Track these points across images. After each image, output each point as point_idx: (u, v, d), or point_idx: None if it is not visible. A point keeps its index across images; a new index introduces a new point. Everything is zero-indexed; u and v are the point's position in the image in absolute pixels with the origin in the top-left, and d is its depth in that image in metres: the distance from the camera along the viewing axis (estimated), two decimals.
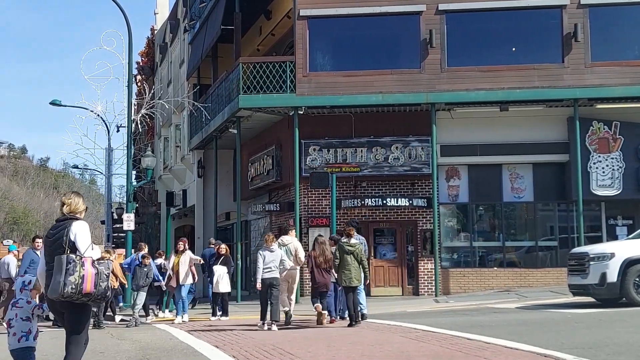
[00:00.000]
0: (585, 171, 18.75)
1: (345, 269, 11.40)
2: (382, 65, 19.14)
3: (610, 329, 9.48)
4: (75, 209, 5.66)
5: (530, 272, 18.95)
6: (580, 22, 18.59)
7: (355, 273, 11.43)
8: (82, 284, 5.11)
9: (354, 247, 11.52)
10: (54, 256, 5.43)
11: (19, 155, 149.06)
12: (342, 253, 11.48)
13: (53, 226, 5.67)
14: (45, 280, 5.55)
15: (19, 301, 6.04)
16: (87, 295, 5.22)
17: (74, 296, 5.17)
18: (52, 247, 5.47)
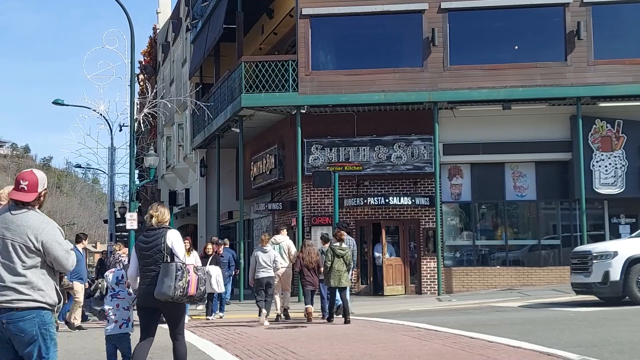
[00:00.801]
0: (588, 170, 18.72)
1: (335, 271, 12.12)
2: (384, 64, 19.12)
3: (613, 328, 9.47)
4: (162, 219, 6.38)
5: (533, 271, 18.93)
6: (583, 20, 18.55)
7: (345, 275, 12.18)
8: (188, 288, 5.94)
9: (344, 252, 12.27)
10: (149, 260, 6.21)
11: (22, 155, 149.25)
12: (333, 256, 12.18)
13: (145, 234, 6.40)
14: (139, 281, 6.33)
15: (120, 293, 6.77)
16: (190, 297, 6.10)
17: (181, 298, 6.03)
18: (148, 252, 6.24)
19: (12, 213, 4.34)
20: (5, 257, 4.28)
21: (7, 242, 4.29)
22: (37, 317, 4.28)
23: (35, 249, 4.29)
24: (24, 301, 4.24)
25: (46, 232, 4.34)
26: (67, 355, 9.50)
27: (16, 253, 4.27)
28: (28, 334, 4.23)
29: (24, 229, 4.29)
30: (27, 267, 4.29)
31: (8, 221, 4.33)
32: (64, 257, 4.39)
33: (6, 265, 4.27)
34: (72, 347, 10.42)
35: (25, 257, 4.28)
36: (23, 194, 4.34)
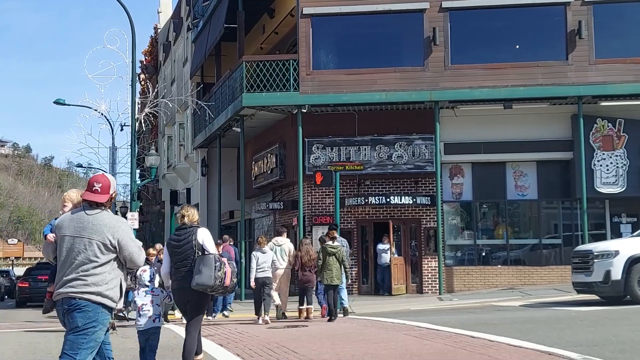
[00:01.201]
0: (590, 169, 18.71)
1: (327, 269, 12.41)
2: (385, 63, 19.11)
3: (614, 327, 9.46)
4: (192, 218, 6.92)
5: (534, 270, 18.92)
6: (584, 19, 18.53)
7: (337, 273, 12.42)
8: (225, 279, 6.36)
9: (336, 249, 12.55)
10: (181, 257, 6.63)
11: (23, 154, 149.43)
12: (325, 255, 12.51)
13: (177, 233, 6.86)
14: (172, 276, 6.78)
15: (154, 290, 7.03)
16: (225, 287, 6.49)
17: (218, 288, 6.42)
18: (180, 249, 6.66)
19: (87, 213, 4.64)
20: (80, 254, 4.55)
21: (84, 240, 4.57)
22: (92, 311, 4.51)
23: (111, 246, 4.59)
24: (87, 294, 4.51)
25: (122, 230, 4.64)
26: None
27: (92, 250, 4.56)
28: (74, 323, 4.48)
29: (100, 228, 4.58)
30: (99, 265, 4.57)
31: (84, 221, 4.62)
32: (136, 254, 4.71)
33: (79, 261, 4.55)
34: None
35: (101, 254, 4.57)
36: (97, 195, 4.65)
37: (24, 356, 9.40)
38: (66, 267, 4.60)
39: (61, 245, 4.66)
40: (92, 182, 4.70)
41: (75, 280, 4.52)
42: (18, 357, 9.36)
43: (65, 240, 4.64)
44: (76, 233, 4.60)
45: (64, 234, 4.66)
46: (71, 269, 4.57)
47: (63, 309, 4.54)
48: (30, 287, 27.02)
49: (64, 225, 4.69)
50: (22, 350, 10.06)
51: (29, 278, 27.82)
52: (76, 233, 4.60)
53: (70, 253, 4.59)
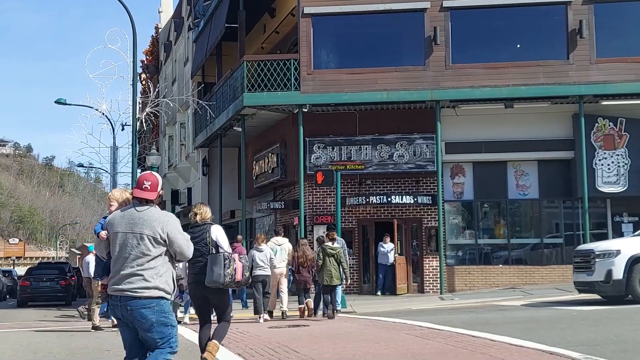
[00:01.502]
0: (591, 168, 18.70)
1: (327, 269, 12.67)
2: (386, 62, 19.10)
3: (616, 326, 9.45)
4: (205, 216, 7.11)
5: (535, 270, 18.91)
6: (585, 18, 18.51)
7: (336, 273, 12.71)
8: (235, 274, 6.58)
9: (335, 250, 12.81)
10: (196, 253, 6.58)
11: (24, 154, 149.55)
12: (324, 255, 12.75)
13: (191, 230, 7.01)
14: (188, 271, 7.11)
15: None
16: (237, 282, 6.75)
17: (230, 284, 6.69)
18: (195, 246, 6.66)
19: (137, 210, 4.89)
20: (133, 249, 4.79)
21: (136, 235, 4.81)
22: (157, 305, 4.76)
23: (161, 240, 4.82)
24: (147, 289, 4.74)
25: (171, 224, 4.87)
26: (70, 353, 9.52)
27: (144, 244, 4.80)
28: (148, 321, 4.72)
29: (151, 222, 4.83)
30: (152, 258, 4.80)
31: (135, 217, 4.87)
32: (185, 246, 4.94)
33: (134, 256, 4.79)
34: (75, 345, 10.44)
35: (153, 247, 4.80)
36: (147, 193, 4.91)
37: (25, 356, 9.40)
38: (121, 261, 4.82)
39: (114, 241, 4.90)
40: (142, 181, 4.94)
41: (133, 275, 4.75)
42: (19, 356, 9.36)
43: (118, 236, 4.87)
44: (128, 229, 4.84)
45: (117, 231, 4.89)
46: (127, 263, 4.79)
47: (124, 306, 4.75)
48: (31, 287, 26.94)
49: (116, 223, 4.93)
50: (23, 350, 10.07)
51: (30, 278, 27.73)
52: (128, 229, 4.84)
53: (124, 248, 4.82)
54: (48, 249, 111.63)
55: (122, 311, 4.78)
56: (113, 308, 4.89)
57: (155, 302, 4.77)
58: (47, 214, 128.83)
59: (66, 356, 9.26)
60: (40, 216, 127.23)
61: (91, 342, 10.71)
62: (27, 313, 21.51)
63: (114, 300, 4.84)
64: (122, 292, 4.76)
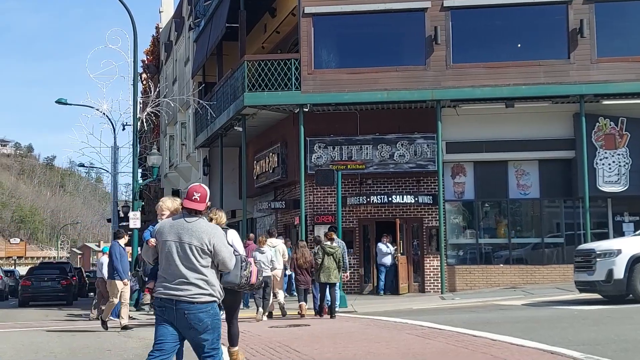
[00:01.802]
0: (592, 168, 18.69)
1: (325, 268, 13.02)
2: (387, 62, 19.10)
3: (617, 326, 9.45)
4: (220, 221, 7.33)
5: (536, 269, 18.90)
6: (586, 17, 18.50)
7: (334, 272, 13.07)
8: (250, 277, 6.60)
9: (334, 250, 13.16)
10: None
11: (25, 154, 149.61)
12: (323, 254, 13.09)
13: None
14: None
15: None
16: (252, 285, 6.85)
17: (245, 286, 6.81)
18: None
19: (187, 220, 5.14)
20: (184, 258, 5.04)
21: (184, 245, 5.05)
22: (211, 309, 5.07)
23: (208, 251, 5.07)
24: (203, 295, 5.02)
25: (217, 236, 5.14)
26: (71, 353, 9.53)
27: (193, 254, 5.04)
28: (204, 324, 5.02)
29: (199, 234, 5.07)
30: (202, 266, 5.06)
31: (184, 227, 5.10)
32: (228, 259, 5.19)
33: (186, 265, 5.03)
34: (76, 345, 10.45)
35: (200, 257, 5.05)
36: (196, 204, 5.15)
37: (26, 355, 9.41)
38: (170, 269, 5.06)
39: (162, 249, 5.13)
40: (192, 192, 5.18)
41: (187, 283, 5.01)
42: (20, 356, 9.37)
43: (166, 244, 5.10)
44: (177, 238, 5.08)
45: (165, 239, 5.13)
46: (179, 270, 5.02)
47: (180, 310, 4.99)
48: (32, 287, 27.05)
49: (165, 231, 5.16)
50: (24, 349, 10.07)
51: (31, 277, 27.85)
52: (177, 238, 5.08)
53: (173, 257, 5.05)
54: (49, 249, 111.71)
55: (176, 314, 5.00)
56: (164, 309, 5.07)
57: (210, 306, 5.07)
58: (48, 213, 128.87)
59: (67, 356, 9.27)
60: (41, 216, 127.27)
61: (92, 342, 10.71)
62: (28, 313, 21.52)
63: (166, 303, 5.04)
64: (177, 297, 5.00)
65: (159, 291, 5.10)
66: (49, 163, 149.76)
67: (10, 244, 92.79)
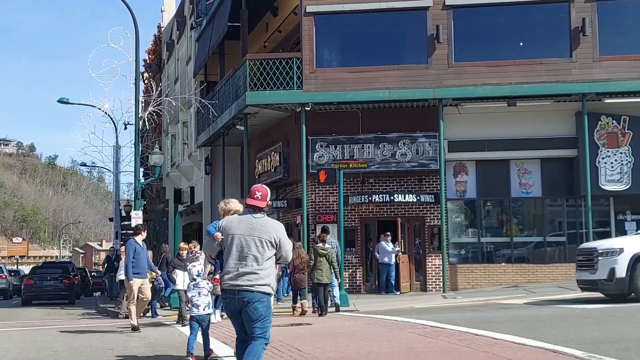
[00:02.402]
0: (594, 166, 18.67)
1: (318, 269, 13.51)
2: (389, 61, 19.09)
3: (619, 325, 9.45)
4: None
5: (538, 268, 18.89)
6: (588, 16, 18.48)
7: (326, 272, 13.52)
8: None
9: (326, 251, 13.64)
10: None
11: (27, 153, 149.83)
12: (316, 255, 13.62)
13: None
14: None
15: (200, 283, 8.41)
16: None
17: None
18: None
19: (254, 217, 5.64)
20: (252, 251, 5.50)
21: (254, 239, 5.53)
22: (267, 301, 5.53)
23: (274, 244, 5.57)
24: (262, 286, 5.48)
25: (282, 232, 5.67)
26: (73, 352, 9.54)
27: (262, 247, 5.52)
28: (259, 312, 5.46)
29: (267, 229, 5.58)
30: (266, 259, 5.53)
31: (253, 223, 5.60)
32: (289, 252, 5.75)
33: (252, 257, 5.50)
34: (78, 344, 10.46)
35: (267, 250, 5.54)
36: (259, 201, 5.67)
37: (29, 355, 9.43)
38: (239, 260, 5.52)
39: (231, 242, 5.59)
40: (254, 191, 5.71)
41: (251, 274, 5.47)
42: (23, 355, 9.39)
43: (235, 238, 5.58)
44: (246, 232, 5.56)
45: (234, 233, 5.60)
46: (245, 262, 5.50)
47: (241, 298, 5.45)
48: (35, 286, 27.41)
49: (233, 226, 5.64)
50: (26, 349, 10.09)
51: (34, 277, 28.18)
52: (246, 232, 5.56)
53: (242, 249, 5.53)
54: (51, 248, 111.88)
55: (238, 303, 5.47)
56: (228, 302, 5.56)
57: (266, 297, 5.52)
58: (50, 213, 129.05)
59: (70, 355, 9.28)
60: (44, 215, 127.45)
61: (95, 341, 10.73)
62: (30, 312, 21.56)
63: (229, 294, 5.51)
64: (240, 287, 5.45)
65: (224, 282, 5.56)
66: (51, 162, 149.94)
67: (12, 243, 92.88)
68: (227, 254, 5.59)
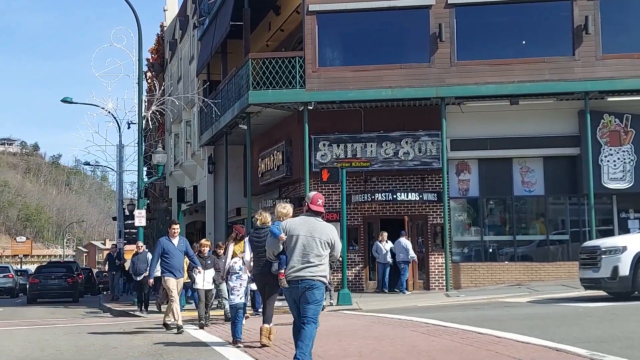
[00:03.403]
0: (597, 164, 18.65)
1: None
2: (391, 59, 19.08)
3: (622, 323, 9.45)
4: (265, 220, 9.15)
5: (541, 266, 18.88)
6: (591, 14, 18.45)
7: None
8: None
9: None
10: (261, 249, 8.59)
11: (31, 153, 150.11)
12: None
13: (256, 232, 9.17)
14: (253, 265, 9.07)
15: (242, 275, 9.48)
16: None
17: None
18: (260, 244, 8.74)
19: (316, 220, 6.80)
20: (314, 249, 6.60)
21: (315, 239, 6.64)
22: (323, 288, 6.66)
23: (330, 244, 6.68)
24: (320, 277, 6.59)
25: (336, 234, 6.83)
26: (77, 350, 9.57)
27: (321, 246, 6.62)
28: (315, 297, 6.56)
29: (326, 231, 6.72)
30: (324, 256, 6.63)
31: (315, 225, 6.74)
32: (340, 250, 6.94)
33: (313, 254, 6.59)
34: (82, 343, 10.50)
35: (324, 249, 6.63)
36: (320, 207, 6.87)
37: (33, 353, 9.46)
38: (302, 256, 6.58)
39: (295, 241, 6.65)
40: (317, 199, 6.87)
41: (313, 266, 6.56)
42: (27, 354, 9.42)
43: (299, 238, 6.65)
44: (308, 234, 6.65)
45: (298, 234, 6.67)
46: (307, 258, 6.57)
47: (303, 285, 6.52)
48: (40, 284, 28.07)
49: (297, 227, 6.73)
50: (31, 347, 10.13)
51: (39, 275, 28.92)
52: (308, 234, 6.65)
53: (305, 247, 6.60)
54: (55, 247, 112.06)
55: (300, 291, 6.53)
56: (291, 290, 6.62)
57: (323, 285, 6.63)
58: (54, 212, 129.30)
59: (74, 353, 9.32)
60: (47, 214, 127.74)
61: (98, 340, 10.76)
62: (35, 311, 21.62)
63: (293, 284, 6.56)
64: (303, 277, 6.52)
65: (289, 275, 6.58)
66: (54, 161, 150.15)
67: (16, 242, 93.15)
68: (292, 251, 6.64)
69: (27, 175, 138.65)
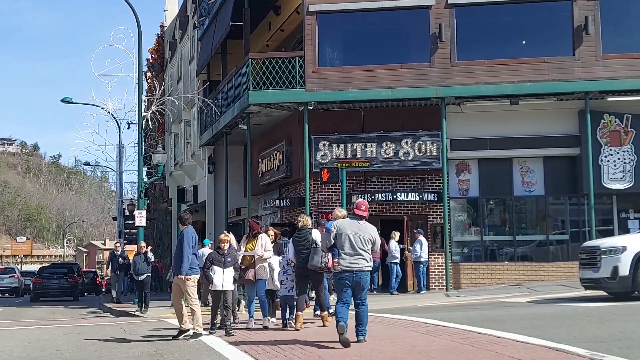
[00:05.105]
0: (597, 164, 18.65)
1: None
2: (391, 59, 19.08)
3: (622, 323, 9.45)
4: (306, 223, 10.77)
5: (541, 266, 18.89)
6: (591, 14, 18.45)
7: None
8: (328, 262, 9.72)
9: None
10: (302, 247, 10.43)
11: (31, 153, 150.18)
12: None
13: (298, 233, 10.71)
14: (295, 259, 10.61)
15: (288, 270, 10.95)
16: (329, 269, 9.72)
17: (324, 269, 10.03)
18: (301, 243, 10.50)
19: (360, 222, 8.49)
20: (359, 245, 8.32)
21: (360, 237, 8.35)
22: (368, 277, 8.50)
23: (371, 242, 8.43)
24: (367, 267, 8.39)
25: (376, 232, 8.55)
26: (77, 350, 9.58)
27: (365, 242, 8.36)
28: (364, 284, 8.37)
29: (368, 231, 8.45)
30: (367, 251, 8.37)
31: (360, 226, 8.45)
32: (379, 245, 8.84)
33: (360, 249, 8.32)
34: (82, 342, 10.49)
35: (367, 246, 8.37)
36: (364, 212, 8.52)
37: (33, 353, 9.47)
38: (352, 251, 8.29)
39: (344, 238, 8.35)
40: (361, 205, 8.54)
41: (361, 259, 8.31)
42: (27, 354, 9.42)
43: (349, 236, 8.35)
44: (354, 233, 8.35)
45: (347, 232, 8.38)
46: (356, 252, 8.29)
47: (357, 275, 8.28)
48: (43, 284, 29.44)
49: (346, 227, 8.44)
50: (31, 347, 10.13)
51: (42, 276, 30.41)
52: (354, 233, 8.35)
53: (353, 244, 8.31)
54: (55, 247, 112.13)
55: (355, 279, 8.26)
56: (346, 277, 8.27)
57: (368, 274, 8.48)
58: (54, 212, 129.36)
59: (73, 353, 9.32)
60: (47, 214, 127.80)
61: (98, 340, 10.76)
62: (35, 311, 21.63)
63: (347, 273, 8.26)
64: (356, 268, 8.27)
65: (342, 265, 8.26)
66: (54, 162, 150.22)
67: (16, 242, 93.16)
68: (342, 246, 8.32)
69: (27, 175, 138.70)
